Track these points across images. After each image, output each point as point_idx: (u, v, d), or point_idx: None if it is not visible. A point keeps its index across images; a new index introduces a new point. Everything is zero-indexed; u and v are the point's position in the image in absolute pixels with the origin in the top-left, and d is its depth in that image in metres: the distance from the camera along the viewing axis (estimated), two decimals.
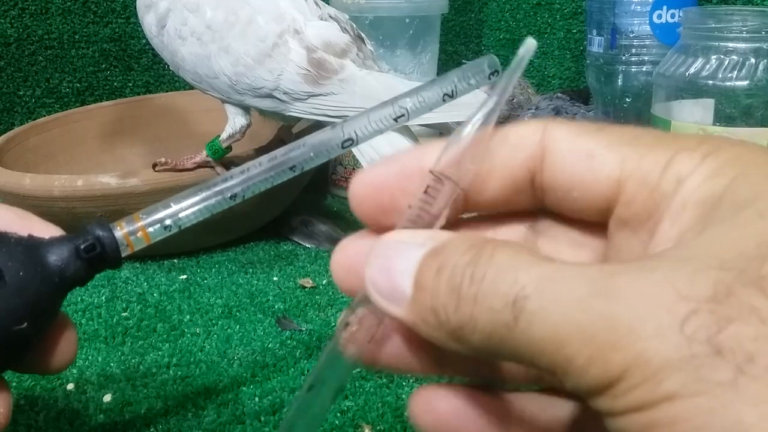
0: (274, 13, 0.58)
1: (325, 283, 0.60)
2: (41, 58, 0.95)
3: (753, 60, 0.62)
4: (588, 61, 0.87)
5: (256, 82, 0.58)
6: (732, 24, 0.63)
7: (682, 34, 0.68)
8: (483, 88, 0.24)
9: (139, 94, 0.97)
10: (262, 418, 0.42)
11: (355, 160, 0.78)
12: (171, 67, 0.63)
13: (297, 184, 0.70)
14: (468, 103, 0.23)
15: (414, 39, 0.85)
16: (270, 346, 0.50)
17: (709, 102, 0.64)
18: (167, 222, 0.25)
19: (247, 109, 0.61)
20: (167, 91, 0.97)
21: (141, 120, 0.84)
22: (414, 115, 0.24)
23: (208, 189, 0.25)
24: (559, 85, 1.05)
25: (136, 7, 0.62)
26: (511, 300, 0.17)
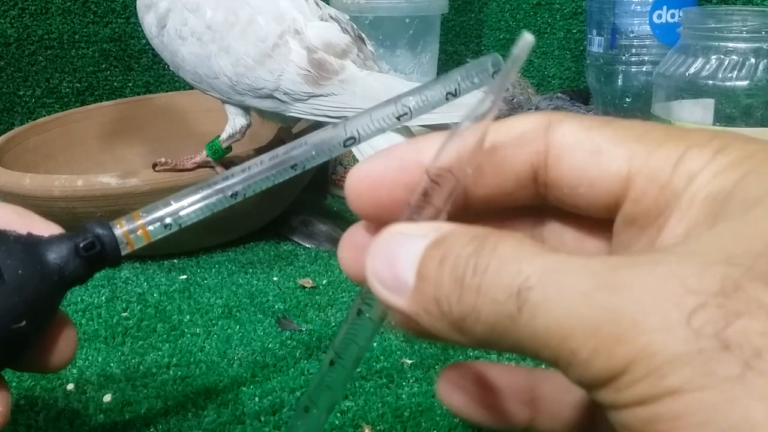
0: (274, 13, 0.58)
1: (325, 283, 0.60)
2: (41, 58, 0.95)
3: (753, 60, 0.62)
4: (588, 61, 0.87)
5: (256, 83, 0.58)
6: (732, 24, 0.63)
7: (682, 34, 0.68)
8: (483, 87, 0.24)
9: (139, 94, 0.97)
10: (262, 418, 0.42)
11: (355, 160, 0.78)
12: (171, 68, 0.62)
13: (297, 184, 0.70)
14: (469, 104, 0.23)
15: (414, 39, 0.84)
16: (270, 346, 0.50)
17: (709, 102, 0.64)
18: (167, 220, 0.25)
19: (247, 109, 0.61)
20: (167, 91, 0.97)
21: (141, 120, 0.84)
22: (417, 113, 0.23)
23: (208, 187, 0.24)
24: (559, 85, 1.05)
25: (136, 7, 0.62)
26: (514, 291, 0.17)
